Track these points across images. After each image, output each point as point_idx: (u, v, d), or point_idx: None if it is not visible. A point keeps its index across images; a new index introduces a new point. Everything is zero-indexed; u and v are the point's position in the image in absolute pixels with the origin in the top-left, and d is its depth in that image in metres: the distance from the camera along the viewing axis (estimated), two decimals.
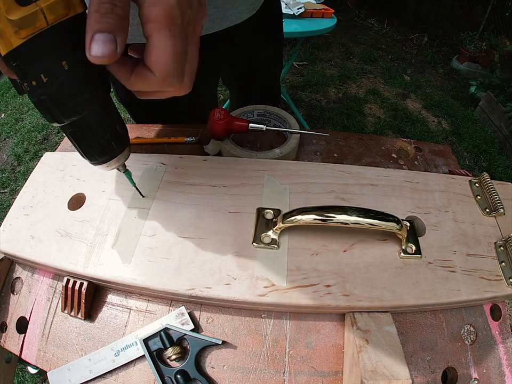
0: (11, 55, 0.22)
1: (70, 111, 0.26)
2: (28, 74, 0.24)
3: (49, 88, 0.24)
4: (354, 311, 0.32)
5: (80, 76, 0.26)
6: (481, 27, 2.65)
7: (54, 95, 0.25)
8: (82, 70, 0.26)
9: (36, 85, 0.24)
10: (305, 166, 0.43)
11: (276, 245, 0.35)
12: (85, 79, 0.26)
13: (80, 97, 0.26)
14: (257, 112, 0.53)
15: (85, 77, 0.26)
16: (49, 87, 0.24)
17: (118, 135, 0.32)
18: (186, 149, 0.51)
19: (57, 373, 0.33)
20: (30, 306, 0.37)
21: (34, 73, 0.24)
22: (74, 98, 0.26)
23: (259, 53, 0.67)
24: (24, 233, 0.37)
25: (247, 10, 0.54)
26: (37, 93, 0.24)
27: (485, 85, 2.12)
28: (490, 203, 0.39)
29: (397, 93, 2.24)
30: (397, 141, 0.53)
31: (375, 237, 0.36)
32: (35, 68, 0.23)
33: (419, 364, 0.33)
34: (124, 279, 0.33)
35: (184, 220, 0.37)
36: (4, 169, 1.63)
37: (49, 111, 0.26)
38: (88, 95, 0.27)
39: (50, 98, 0.25)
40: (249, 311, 0.35)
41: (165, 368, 0.32)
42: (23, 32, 0.21)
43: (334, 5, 2.27)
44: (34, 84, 0.24)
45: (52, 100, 0.25)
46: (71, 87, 0.25)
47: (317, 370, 0.32)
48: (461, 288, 0.33)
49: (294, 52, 1.67)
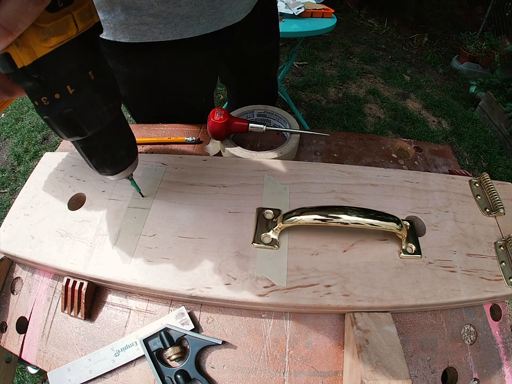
0: (33, 66, 0.20)
1: (95, 122, 0.25)
2: (51, 87, 0.22)
3: (76, 100, 0.23)
4: (354, 311, 0.32)
5: (104, 85, 0.25)
6: (481, 27, 2.65)
7: (81, 106, 0.24)
8: (106, 79, 0.25)
9: (59, 98, 0.22)
10: (305, 166, 0.43)
11: (276, 245, 0.35)
12: (108, 88, 0.26)
13: (106, 107, 0.26)
14: (257, 112, 0.53)
15: (108, 86, 0.26)
16: (76, 98, 0.23)
17: (130, 145, 0.32)
18: (186, 149, 0.51)
19: (57, 373, 0.33)
20: (30, 306, 0.37)
21: (59, 85, 0.22)
22: (100, 108, 0.25)
23: (256, 50, 0.67)
24: (24, 233, 0.37)
25: (244, 9, 0.54)
26: (60, 106, 0.23)
27: (485, 85, 2.11)
28: (490, 203, 0.39)
29: (397, 93, 2.24)
30: (397, 141, 0.53)
31: (375, 237, 0.36)
32: (60, 80, 0.22)
33: (419, 364, 0.33)
34: (123, 279, 0.33)
35: (184, 220, 0.37)
36: (4, 169, 1.63)
37: (73, 124, 0.24)
38: (112, 104, 0.26)
39: (76, 111, 0.23)
40: (249, 311, 0.35)
41: (165, 368, 0.32)
42: (53, 40, 0.20)
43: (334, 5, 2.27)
44: (57, 97, 0.22)
45: (78, 112, 0.24)
46: (98, 97, 0.24)
47: (317, 370, 0.32)
48: (461, 288, 0.33)
49: (294, 52, 1.67)
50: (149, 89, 0.57)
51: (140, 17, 0.46)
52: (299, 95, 2.11)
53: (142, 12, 0.45)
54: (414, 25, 3.07)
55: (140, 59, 0.53)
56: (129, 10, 0.45)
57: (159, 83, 0.56)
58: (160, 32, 0.48)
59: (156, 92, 0.58)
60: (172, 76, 0.56)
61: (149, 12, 0.45)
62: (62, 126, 0.24)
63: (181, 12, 0.47)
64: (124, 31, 0.47)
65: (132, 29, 0.47)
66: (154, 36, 0.48)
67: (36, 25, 0.19)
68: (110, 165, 0.31)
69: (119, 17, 0.46)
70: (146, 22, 0.46)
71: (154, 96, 0.59)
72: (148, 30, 0.47)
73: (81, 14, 0.21)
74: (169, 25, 0.47)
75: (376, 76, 2.39)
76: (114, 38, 0.48)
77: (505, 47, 2.30)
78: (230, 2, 0.50)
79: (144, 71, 0.54)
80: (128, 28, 0.47)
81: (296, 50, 1.67)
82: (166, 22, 0.47)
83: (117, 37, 0.48)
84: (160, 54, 0.52)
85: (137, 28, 0.47)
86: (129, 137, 0.32)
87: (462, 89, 2.35)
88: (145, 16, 0.46)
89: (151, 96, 0.59)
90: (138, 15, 0.45)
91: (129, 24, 0.46)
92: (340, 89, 2.22)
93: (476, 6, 2.85)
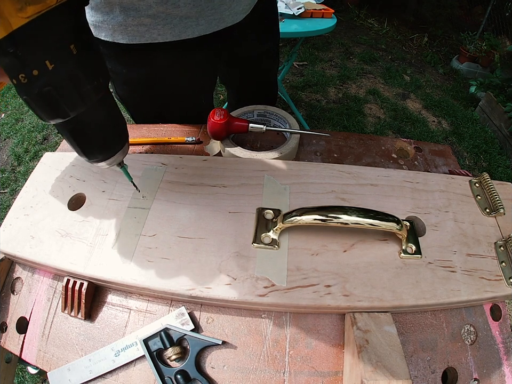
0: (9, 39, 0.18)
1: (77, 102, 0.23)
2: (28, 62, 0.20)
3: (55, 77, 0.21)
4: (354, 311, 0.32)
5: (88, 60, 0.23)
6: (481, 27, 2.65)
7: (62, 84, 0.21)
8: (90, 54, 0.23)
9: (37, 74, 0.20)
10: (305, 166, 0.43)
11: (276, 245, 0.35)
12: (93, 64, 0.23)
13: (90, 85, 0.23)
14: (257, 112, 0.53)
15: (93, 61, 0.23)
16: (56, 75, 0.21)
17: (120, 128, 0.30)
18: (186, 149, 0.51)
19: (57, 373, 0.33)
20: (30, 307, 0.37)
21: (37, 60, 0.20)
22: (83, 86, 0.23)
23: (255, 50, 0.67)
24: (24, 233, 0.37)
25: (244, 10, 0.54)
26: (38, 84, 0.21)
27: (485, 85, 2.11)
28: (490, 203, 0.39)
29: (397, 93, 2.24)
30: (397, 141, 0.53)
31: (375, 237, 0.36)
32: (38, 54, 0.20)
33: (419, 364, 0.33)
34: (124, 279, 0.33)
35: (184, 220, 0.37)
36: (4, 169, 1.63)
37: (53, 104, 0.22)
38: (97, 82, 0.24)
39: (56, 89, 0.21)
40: (249, 311, 0.35)
41: (165, 368, 0.32)
42: (30, 10, 0.18)
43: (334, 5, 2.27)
44: (35, 74, 0.20)
45: (58, 90, 0.21)
46: (80, 74, 0.22)
47: (317, 370, 0.32)
48: (461, 288, 0.33)
49: (294, 52, 1.67)
50: (148, 90, 0.57)
51: (138, 18, 0.46)
52: (299, 95, 2.11)
53: (140, 13, 0.45)
54: (414, 25, 3.07)
55: (138, 60, 0.53)
56: (128, 12, 0.45)
57: (158, 84, 0.56)
58: (158, 33, 0.48)
59: (154, 92, 0.58)
60: (170, 77, 0.56)
61: (147, 13, 0.45)
62: (42, 106, 0.22)
63: (179, 13, 0.47)
64: (123, 32, 0.47)
65: (131, 30, 0.47)
66: (153, 37, 0.48)
67: None
68: (98, 150, 0.28)
69: (117, 18, 0.46)
70: (144, 23, 0.46)
71: (153, 96, 0.59)
72: (147, 31, 0.47)
73: None
74: (167, 26, 0.47)
75: (376, 76, 2.39)
76: (113, 39, 0.48)
77: (505, 47, 2.30)
78: (229, 3, 0.50)
79: (143, 71, 0.54)
80: (127, 29, 0.47)
81: (296, 50, 1.67)
82: (165, 23, 0.47)
83: (115, 38, 0.48)
84: (159, 55, 0.52)
85: (136, 29, 0.47)
86: (118, 119, 0.29)
87: (462, 89, 2.35)
88: (144, 17, 0.46)
89: (150, 96, 0.59)
90: (137, 16, 0.45)
91: (128, 25, 0.46)
92: (340, 89, 2.22)
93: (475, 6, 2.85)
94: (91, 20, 0.48)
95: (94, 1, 0.45)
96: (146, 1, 0.44)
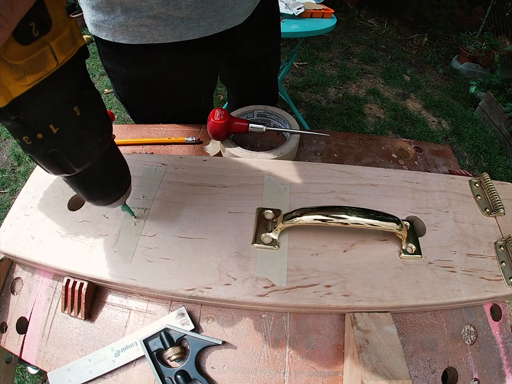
0: (10, 107, 0.17)
1: (83, 159, 0.23)
2: (31, 126, 0.19)
3: (60, 140, 0.21)
4: (355, 311, 0.32)
5: (92, 118, 0.22)
6: (481, 27, 2.65)
7: (67, 146, 0.21)
8: (93, 112, 0.22)
9: (42, 137, 0.20)
10: (305, 166, 0.43)
11: (276, 245, 0.35)
12: (96, 122, 0.23)
13: (95, 142, 0.23)
14: (257, 112, 0.53)
15: (96, 118, 0.23)
16: (61, 138, 0.20)
17: (123, 175, 0.30)
18: (186, 149, 0.51)
19: (57, 373, 0.33)
20: (30, 307, 0.37)
21: (40, 124, 0.19)
22: (89, 145, 0.23)
23: (256, 52, 0.67)
24: (25, 234, 0.37)
25: (245, 12, 0.54)
26: (43, 146, 0.20)
27: (485, 85, 2.12)
28: (490, 203, 0.39)
29: (397, 93, 2.24)
30: (397, 141, 0.53)
31: (375, 237, 0.36)
32: (42, 119, 0.19)
33: (419, 364, 0.33)
34: (124, 279, 0.33)
35: (184, 220, 0.37)
36: (4, 170, 1.63)
37: (59, 164, 0.22)
38: (101, 139, 0.24)
39: (62, 150, 0.21)
40: (249, 311, 0.35)
41: (165, 369, 0.32)
42: (29, 79, 0.17)
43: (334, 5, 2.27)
44: (40, 137, 0.20)
45: (64, 152, 0.21)
46: (85, 134, 0.22)
47: (317, 370, 0.32)
48: (461, 288, 0.33)
49: (294, 52, 1.67)
50: (148, 90, 0.57)
51: (139, 19, 0.46)
52: (299, 95, 2.11)
53: (141, 14, 0.45)
54: (414, 25, 3.07)
55: (139, 60, 0.52)
56: (129, 12, 0.45)
57: (158, 84, 0.56)
58: (159, 34, 0.48)
59: (155, 92, 0.58)
60: (171, 77, 0.56)
61: (149, 14, 0.45)
62: (48, 165, 0.22)
63: (181, 14, 0.46)
64: (123, 32, 0.47)
65: (132, 30, 0.47)
66: (154, 38, 0.48)
67: (7, 63, 0.16)
68: (101, 198, 0.29)
69: (118, 18, 0.46)
70: (146, 23, 0.46)
71: (153, 97, 0.59)
72: (148, 31, 0.47)
73: (61, 43, 0.18)
74: (169, 27, 0.47)
75: (376, 76, 2.39)
76: (114, 39, 0.48)
77: (505, 47, 2.31)
78: (231, 5, 0.50)
79: (143, 72, 0.54)
80: (128, 29, 0.47)
81: (296, 51, 1.67)
82: (166, 24, 0.47)
83: (116, 38, 0.48)
84: (159, 55, 0.52)
85: (137, 30, 0.47)
86: (121, 167, 0.29)
87: (462, 89, 2.35)
88: (145, 18, 0.46)
89: (150, 97, 0.59)
90: (138, 17, 0.45)
91: (129, 26, 0.46)
92: (340, 90, 2.22)
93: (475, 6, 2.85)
94: (91, 19, 0.48)
95: (95, 0, 0.44)
96: (148, 2, 0.44)
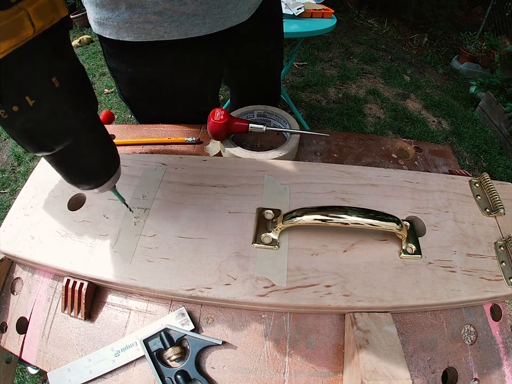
0: None
1: (62, 136, 0.22)
2: (6, 99, 0.18)
3: (37, 113, 0.19)
4: (355, 311, 0.32)
5: (73, 92, 0.21)
6: (481, 27, 2.65)
7: (44, 120, 0.20)
8: (75, 85, 0.21)
9: (17, 110, 0.18)
10: (305, 166, 0.43)
11: (276, 245, 0.35)
12: (78, 96, 0.22)
13: (75, 118, 0.22)
14: (257, 112, 0.53)
15: (79, 93, 0.22)
16: (38, 111, 0.19)
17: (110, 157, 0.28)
18: (186, 149, 0.51)
19: (57, 373, 0.33)
20: (30, 307, 0.37)
21: (15, 96, 0.18)
22: (68, 120, 0.21)
23: (259, 51, 0.67)
24: (24, 234, 0.37)
25: (249, 10, 0.54)
26: (19, 120, 0.19)
27: (485, 85, 2.11)
28: (490, 203, 0.39)
29: (397, 93, 2.24)
30: (397, 141, 0.53)
31: (375, 237, 0.36)
32: (17, 90, 0.18)
33: (419, 364, 0.33)
34: (124, 279, 0.33)
35: (184, 220, 0.37)
36: (4, 170, 1.63)
37: (37, 140, 0.21)
38: (83, 114, 0.22)
39: (39, 125, 0.20)
40: (249, 311, 0.35)
41: (165, 369, 0.32)
42: (4, 45, 0.16)
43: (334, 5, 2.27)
44: (15, 110, 0.18)
45: (41, 127, 0.20)
46: (64, 108, 0.20)
47: (317, 370, 0.32)
48: (461, 288, 0.33)
49: (294, 52, 1.67)
50: (154, 90, 0.57)
51: (144, 15, 0.45)
52: (299, 95, 2.11)
53: (147, 10, 0.45)
54: (414, 25, 3.07)
55: (144, 58, 0.52)
56: (134, 8, 0.45)
57: (163, 83, 0.56)
58: (165, 31, 0.47)
59: (160, 92, 0.57)
60: (176, 76, 0.55)
61: (154, 10, 0.45)
62: (26, 141, 0.21)
63: (186, 10, 0.46)
64: (128, 29, 0.47)
65: (137, 27, 0.47)
66: (159, 35, 0.48)
67: None
68: (86, 180, 0.27)
69: (123, 15, 0.45)
70: (151, 20, 0.46)
71: (159, 96, 0.58)
72: (153, 28, 0.47)
73: (38, 9, 0.17)
74: (174, 23, 0.47)
75: (376, 76, 2.39)
76: (118, 37, 0.48)
77: (505, 47, 2.30)
78: (235, 2, 0.50)
79: (148, 70, 0.54)
80: (133, 26, 0.46)
81: (296, 51, 1.67)
82: (171, 20, 0.47)
83: (120, 36, 0.48)
84: (164, 54, 0.52)
85: (142, 27, 0.47)
86: (107, 148, 0.27)
87: (462, 89, 2.35)
88: (150, 14, 0.45)
89: (155, 96, 0.58)
90: (143, 13, 0.45)
91: (134, 23, 0.46)
92: (340, 90, 2.22)
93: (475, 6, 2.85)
94: (95, 17, 0.47)
95: None
96: None
